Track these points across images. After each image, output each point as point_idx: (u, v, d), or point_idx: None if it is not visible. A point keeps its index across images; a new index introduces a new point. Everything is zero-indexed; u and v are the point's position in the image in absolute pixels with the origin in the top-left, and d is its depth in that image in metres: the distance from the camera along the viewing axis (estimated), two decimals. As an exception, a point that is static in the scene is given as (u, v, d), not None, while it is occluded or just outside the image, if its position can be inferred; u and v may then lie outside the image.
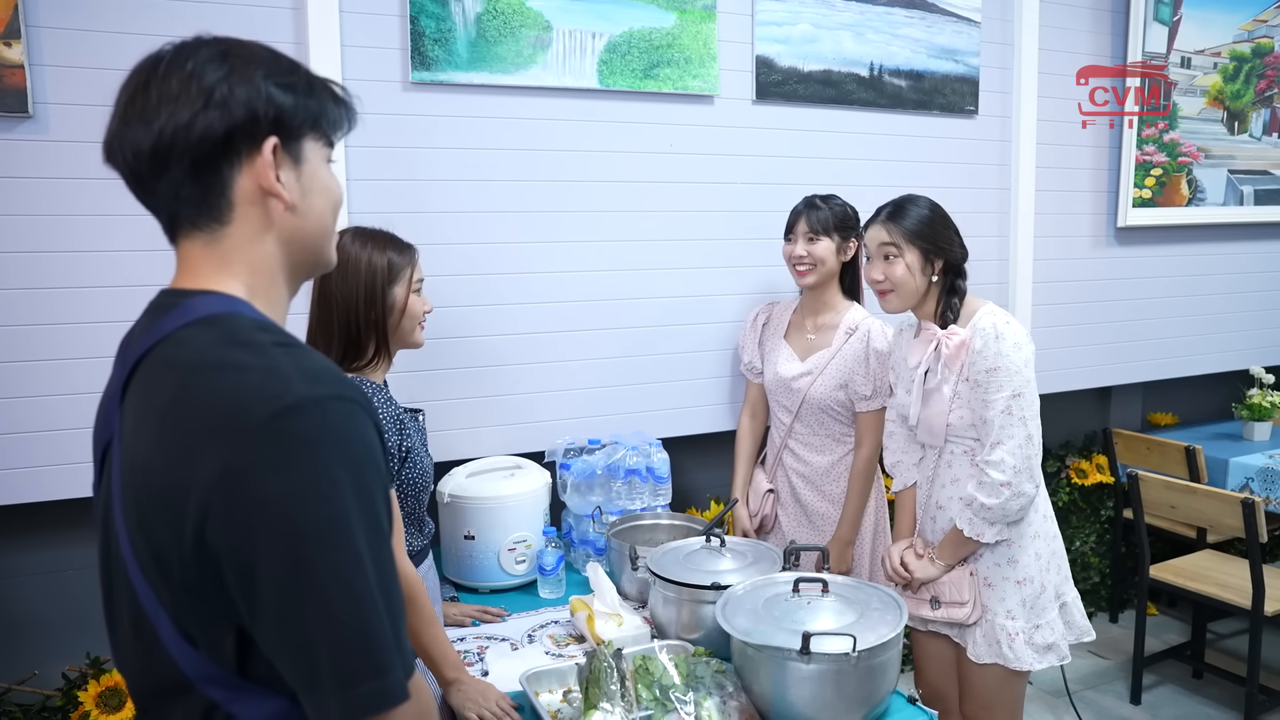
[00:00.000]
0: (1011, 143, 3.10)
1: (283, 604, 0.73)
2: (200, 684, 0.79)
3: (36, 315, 1.99)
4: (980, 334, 1.87)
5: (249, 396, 0.74)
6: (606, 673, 1.51)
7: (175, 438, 0.76)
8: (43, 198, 1.97)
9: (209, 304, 0.82)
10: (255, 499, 0.72)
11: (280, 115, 0.83)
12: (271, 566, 0.72)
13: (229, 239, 0.84)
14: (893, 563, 2.03)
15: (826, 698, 1.46)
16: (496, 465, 2.29)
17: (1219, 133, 3.54)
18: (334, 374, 0.79)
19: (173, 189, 0.82)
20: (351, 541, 0.74)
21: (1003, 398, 1.84)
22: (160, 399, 0.78)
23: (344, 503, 0.74)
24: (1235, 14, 3.51)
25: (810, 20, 2.71)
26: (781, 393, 2.37)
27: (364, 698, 0.74)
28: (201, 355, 0.78)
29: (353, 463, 0.76)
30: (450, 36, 2.27)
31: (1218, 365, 3.71)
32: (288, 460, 0.73)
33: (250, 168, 0.83)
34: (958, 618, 1.95)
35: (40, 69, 1.94)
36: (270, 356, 0.77)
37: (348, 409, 0.77)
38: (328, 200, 0.90)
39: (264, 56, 0.84)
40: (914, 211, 1.93)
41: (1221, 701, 3.09)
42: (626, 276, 2.55)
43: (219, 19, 2.03)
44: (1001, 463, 1.84)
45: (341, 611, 0.73)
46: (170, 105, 0.79)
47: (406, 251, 1.72)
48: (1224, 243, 3.64)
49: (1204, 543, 3.35)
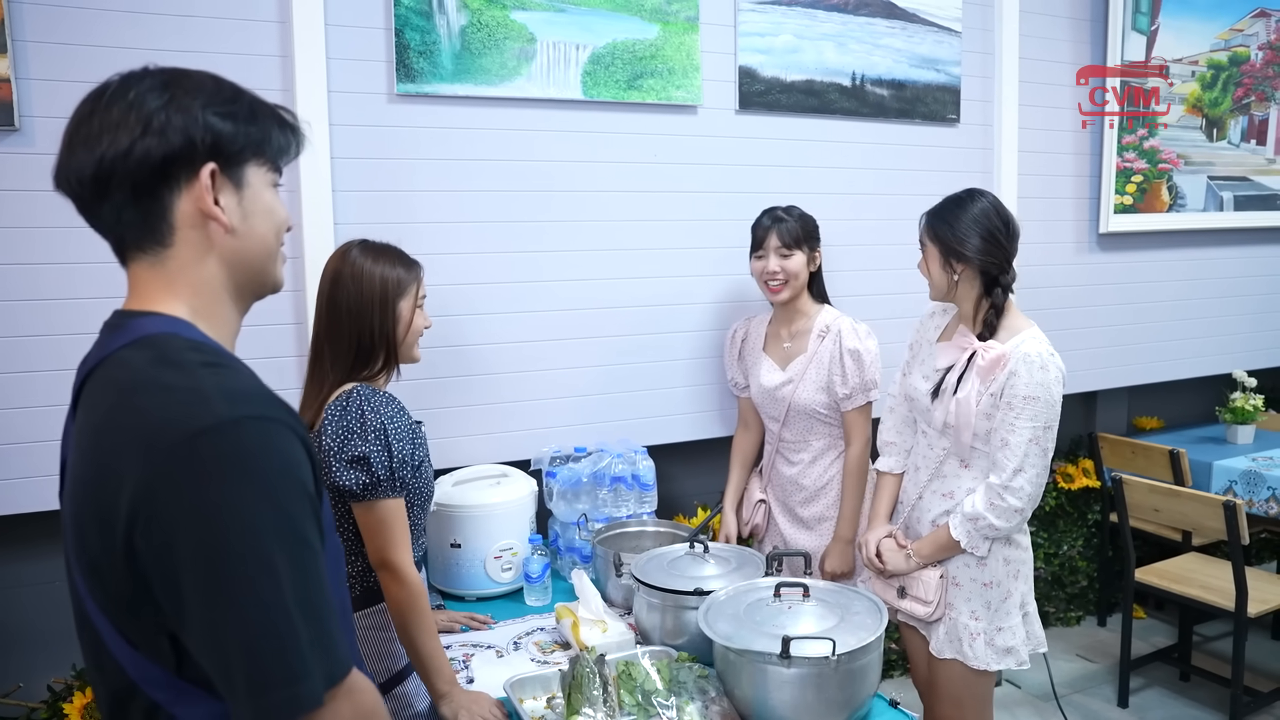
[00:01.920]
0: (993, 150, 3.13)
1: (202, 612, 0.77)
2: (144, 685, 0.83)
3: (32, 327, 2.00)
4: (1025, 360, 1.85)
5: (171, 415, 0.78)
6: (589, 678, 1.52)
7: (105, 454, 0.80)
8: (30, 211, 1.98)
9: (150, 325, 0.86)
10: (173, 513, 0.76)
11: (218, 142, 0.86)
12: (190, 578, 0.76)
13: (172, 260, 0.88)
14: (869, 551, 2.05)
15: (807, 701, 1.47)
16: (483, 473, 2.30)
17: (1198, 140, 3.58)
18: (256, 394, 0.83)
19: (115, 213, 0.86)
20: (263, 554, 0.77)
21: (1034, 428, 1.84)
22: (96, 417, 0.83)
23: (256, 518, 0.77)
24: (1212, 23, 3.55)
25: (792, 31, 2.74)
26: (768, 403, 2.39)
27: (275, 704, 0.77)
28: (135, 375, 0.83)
29: (268, 479, 0.79)
30: (435, 49, 2.29)
31: (1201, 369, 3.74)
32: (202, 478, 0.76)
33: (189, 192, 0.86)
34: (919, 614, 1.98)
35: (27, 83, 1.95)
36: (195, 377, 0.81)
37: (266, 428, 0.80)
38: (270, 223, 0.94)
39: (205, 86, 0.88)
40: (948, 211, 1.95)
41: (1207, 703, 3.10)
42: (611, 285, 2.57)
43: (205, 34, 2.04)
44: (1021, 490, 1.85)
45: (252, 620, 0.76)
46: (111, 133, 0.83)
47: (413, 267, 1.74)
48: (1205, 248, 3.67)
49: (1189, 545, 3.38)
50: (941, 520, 1.98)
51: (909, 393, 2.08)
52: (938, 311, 2.11)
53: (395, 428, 1.62)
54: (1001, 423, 1.87)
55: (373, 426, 1.58)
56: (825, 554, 2.32)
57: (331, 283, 1.68)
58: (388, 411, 1.63)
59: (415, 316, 1.73)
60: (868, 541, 2.07)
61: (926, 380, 2.02)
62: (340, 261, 1.69)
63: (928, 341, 2.08)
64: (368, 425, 1.58)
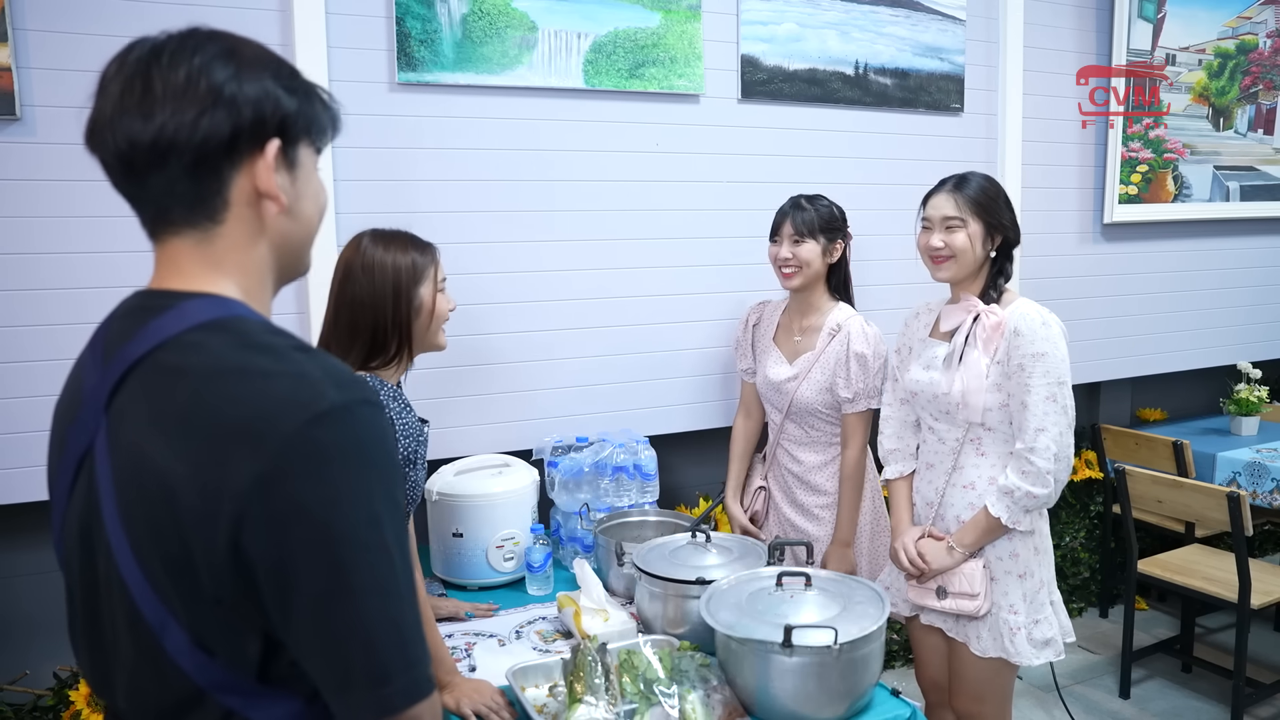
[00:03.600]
0: (997, 140, 3.12)
1: (319, 607, 0.74)
2: (215, 693, 0.79)
3: (31, 316, 2.00)
4: (1025, 319, 1.86)
5: (279, 403, 0.74)
6: (590, 667, 1.52)
7: (200, 446, 0.74)
8: (31, 200, 1.98)
9: (208, 307, 0.80)
10: (292, 506, 0.72)
11: (285, 119, 0.82)
12: (309, 571, 0.73)
13: (221, 239, 0.82)
14: (910, 553, 1.98)
15: (809, 690, 1.47)
16: (484, 463, 2.30)
17: (1204, 129, 3.56)
18: (356, 378, 0.80)
19: (167, 185, 0.79)
20: (384, 541, 0.76)
21: (1047, 384, 1.83)
22: (172, 406, 0.76)
23: (376, 505, 0.76)
24: (1219, 10, 3.53)
25: (795, 19, 2.72)
26: (772, 395, 2.38)
27: (398, 693, 0.76)
28: (218, 361, 0.77)
29: (381, 464, 0.77)
30: (436, 37, 2.28)
31: (1206, 360, 3.73)
32: (323, 467, 0.73)
33: (249, 169, 0.81)
34: (968, 609, 1.93)
35: (28, 71, 1.95)
36: (294, 361, 0.77)
37: (373, 412, 0.78)
38: (316, 206, 0.90)
39: (267, 57, 0.84)
40: (979, 184, 1.95)
41: (1210, 695, 3.10)
42: (612, 275, 2.57)
43: (207, 20, 2.01)
44: (1046, 450, 1.83)
45: (376, 611, 0.75)
46: (175, 101, 0.77)
47: (428, 251, 1.70)
48: (1211, 238, 3.66)
49: (1192, 537, 3.37)
50: (966, 514, 1.96)
51: (910, 388, 2.05)
52: (923, 311, 2.11)
53: (402, 424, 1.61)
54: (1016, 387, 1.86)
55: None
56: (826, 557, 2.30)
57: (343, 275, 1.65)
58: (394, 406, 1.62)
59: (437, 300, 1.69)
60: (905, 546, 2.00)
61: (929, 369, 2.01)
62: (352, 253, 1.66)
63: (919, 340, 2.07)
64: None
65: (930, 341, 2.04)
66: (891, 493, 2.13)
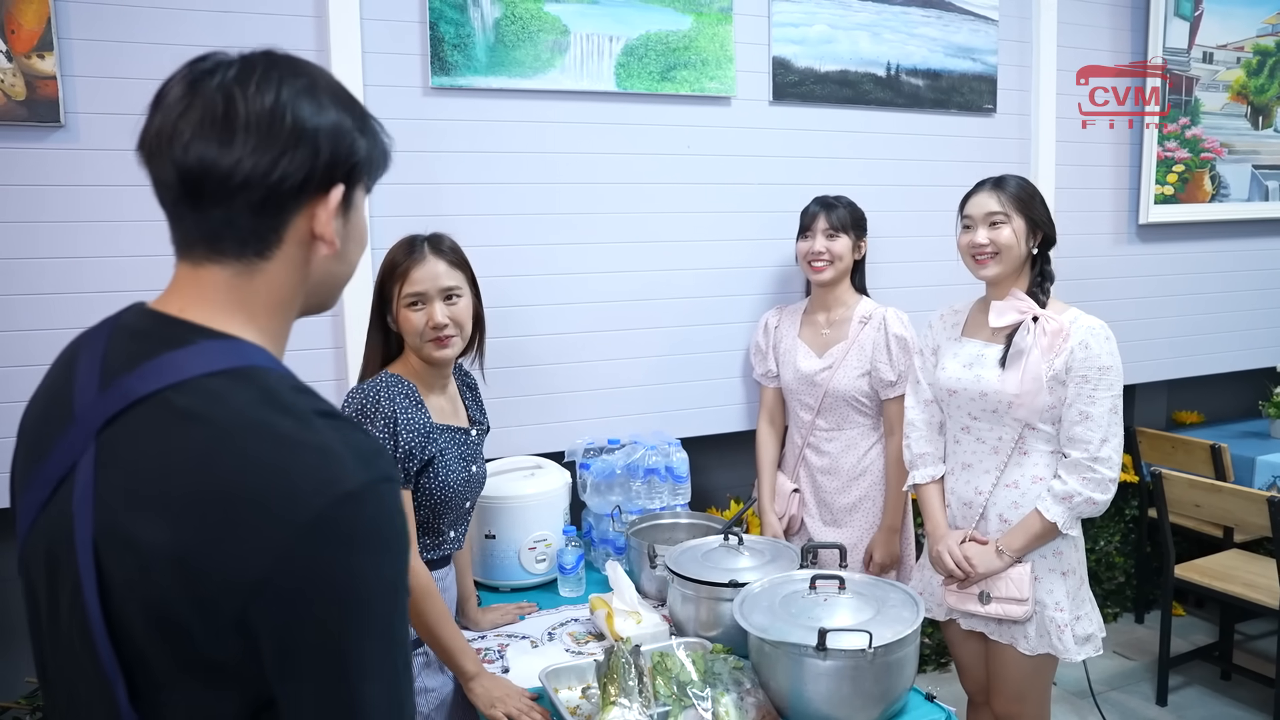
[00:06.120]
0: (1030, 141, 3.09)
1: (326, 686, 0.73)
2: None
3: (73, 319, 2.04)
4: (1091, 332, 1.90)
5: (303, 478, 0.71)
6: (624, 669, 1.52)
7: (212, 504, 0.70)
8: (75, 205, 2.01)
9: (231, 353, 0.76)
10: (309, 586, 0.70)
11: (356, 164, 0.81)
12: (318, 651, 0.72)
13: (262, 275, 0.79)
14: (955, 556, 1.96)
15: (843, 694, 1.47)
16: (517, 465, 2.31)
17: (1243, 128, 3.50)
18: (378, 450, 0.76)
19: (227, 217, 0.76)
20: (392, 622, 0.75)
21: (1113, 397, 1.88)
22: (181, 456, 0.72)
23: (388, 585, 0.75)
24: (1258, 8, 3.47)
25: (826, 21, 2.71)
26: (803, 390, 2.38)
27: None
28: (238, 417, 0.73)
29: (395, 545, 0.76)
30: (469, 42, 2.30)
31: (1244, 363, 3.66)
32: (344, 550, 0.71)
33: (310, 210, 0.79)
34: (1014, 614, 1.92)
35: (71, 79, 1.98)
36: (318, 431, 0.74)
37: (392, 491, 0.76)
38: (359, 247, 0.88)
39: (345, 97, 0.81)
40: (1018, 183, 1.99)
41: (1250, 703, 3.05)
42: (644, 278, 2.57)
43: (245, 28, 2.07)
44: (1110, 460, 1.87)
45: (379, 694, 0.74)
46: (259, 135, 0.75)
47: (411, 254, 1.67)
48: (1249, 239, 3.59)
49: (1231, 542, 3.31)
50: (1009, 511, 1.95)
51: (949, 386, 2.01)
52: (947, 313, 2.12)
53: (407, 419, 1.61)
54: (1077, 396, 1.88)
55: (384, 413, 1.59)
56: (872, 544, 2.33)
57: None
58: (404, 403, 1.62)
59: (401, 314, 1.66)
60: (949, 550, 1.97)
61: (969, 367, 1.99)
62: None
63: (949, 340, 2.06)
64: (379, 411, 1.59)
65: (966, 340, 2.03)
66: (923, 497, 2.10)
